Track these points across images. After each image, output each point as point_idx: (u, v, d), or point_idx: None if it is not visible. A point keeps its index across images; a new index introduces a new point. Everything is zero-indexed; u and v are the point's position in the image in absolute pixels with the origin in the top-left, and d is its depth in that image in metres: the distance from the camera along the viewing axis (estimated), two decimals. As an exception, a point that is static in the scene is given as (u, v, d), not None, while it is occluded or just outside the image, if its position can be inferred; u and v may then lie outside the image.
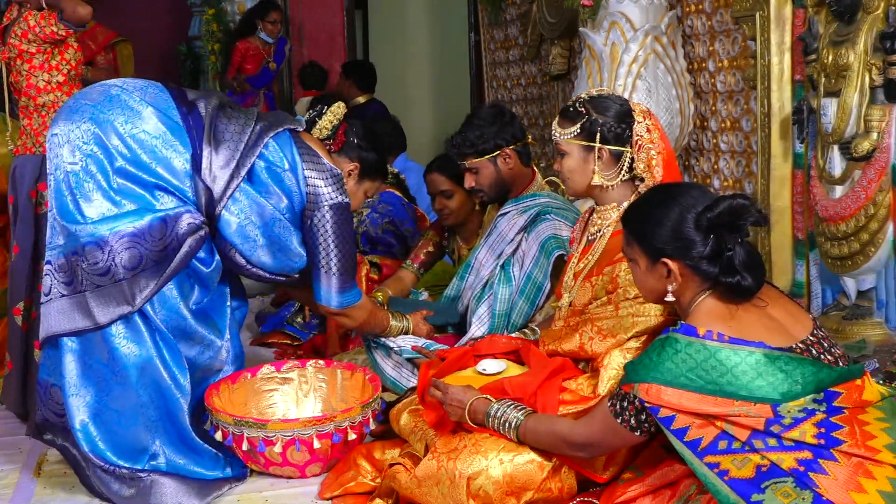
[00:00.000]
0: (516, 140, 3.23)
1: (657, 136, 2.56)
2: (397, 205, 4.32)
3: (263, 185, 2.79)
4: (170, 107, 2.76)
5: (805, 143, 3.31)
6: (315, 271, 2.91)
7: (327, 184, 2.84)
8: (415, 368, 3.15)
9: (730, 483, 1.88)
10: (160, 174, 2.68)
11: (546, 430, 2.30)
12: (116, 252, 2.60)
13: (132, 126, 2.68)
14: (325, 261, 2.88)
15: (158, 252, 2.64)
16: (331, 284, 2.91)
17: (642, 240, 2.15)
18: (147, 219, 2.63)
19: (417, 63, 8.90)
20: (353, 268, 2.96)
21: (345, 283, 2.92)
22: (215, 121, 2.77)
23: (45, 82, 3.61)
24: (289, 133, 2.86)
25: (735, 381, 1.94)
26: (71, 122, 2.68)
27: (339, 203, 2.86)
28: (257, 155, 2.77)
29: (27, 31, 3.55)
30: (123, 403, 2.67)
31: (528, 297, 3.09)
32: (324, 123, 3.01)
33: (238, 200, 2.74)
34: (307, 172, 2.83)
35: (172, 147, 2.70)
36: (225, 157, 2.74)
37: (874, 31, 2.90)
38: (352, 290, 2.96)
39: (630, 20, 3.80)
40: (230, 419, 2.73)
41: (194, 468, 2.75)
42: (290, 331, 4.36)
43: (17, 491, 2.85)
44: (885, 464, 1.86)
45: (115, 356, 2.64)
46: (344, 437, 2.75)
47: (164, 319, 2.70)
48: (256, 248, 2.79)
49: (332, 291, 2.92)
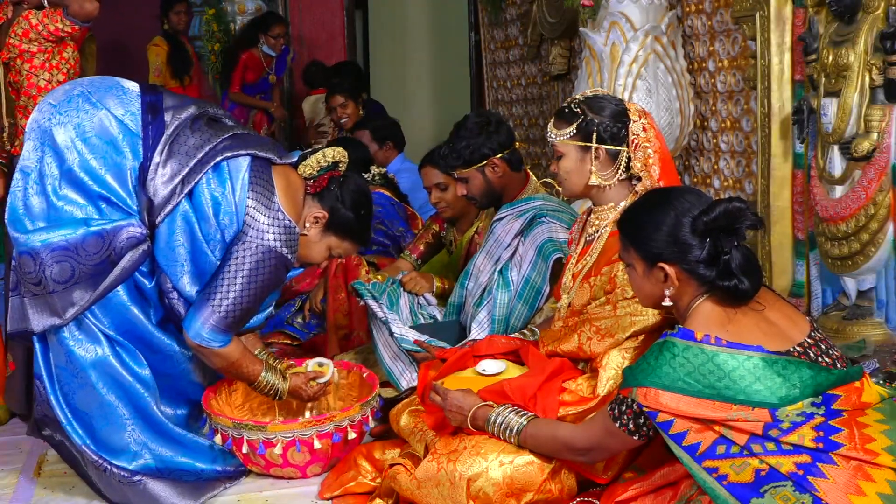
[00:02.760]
0: (504, 148, 3.23)
1: (653, 135, 2.56)
2: (386, 205, 4.33)
3: (201, 208, 2.63)
4: (131, 112, 2.66)
5: (805, 143, 3.31)
6: (201, 298, 2.63)
7: (269, 224, 2.63)
8: (412, 362, 3.15)
9: (729, 488, 1.88)
10: (107, 182, 2.59)
11: (547, 435, 2.30)
12: (47, 265, 2.53)
13: (85, 130, 2.61)
14: (219, 295, 2.60)
15: (93, 266, 2.56)
16: (208, 319, 2.61)
17: (639, 244, 2.15)
18: (80, 231, 2.54)
19: (417, 63, 8.89)
20: (239, 321, 2.68)
21: (222, 327, 2.63)
22: (179, 132, 2.65)
23: (46, 81, 3.62)
24: (250, 159, 2.67)
25: (733, 385, 1.94)
26: (35, 121, 2.65)
27: (271, 248, 2.62)
28: (203, 173, 2.61)
29: (28, 30, 3.56)
30: (90, 404, 2.66)
31: (526, 301, 3.09)
32: (311, 161, 2.80)
33: (174, 218, 2.61)
34: (250, 202, 2.62)
35: (122, 154, 2.61)
36: (172, 170, 2.60)
37: (874, 31, 2.90)
38: (224, 336, 2.65)
39: (630, 20, 3.80)
40: (229, 422, 2.73)
41: (183, 459, 2.74)
42: (289, 331, 4.36)
43: (17, 491, 2.85)
44: (885, 466, 1.85)
45: (72, 358, 2.63)
46: (344, 437, 2.75)
47: (111, 326, 2.65)
48: (182, 273, 2.64)
49: (205, 325, 2.61)
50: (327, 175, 2.80)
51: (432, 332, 3.25)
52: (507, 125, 3.34)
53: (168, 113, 2.67)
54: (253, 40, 7.17)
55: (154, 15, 7.28)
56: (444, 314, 3.44)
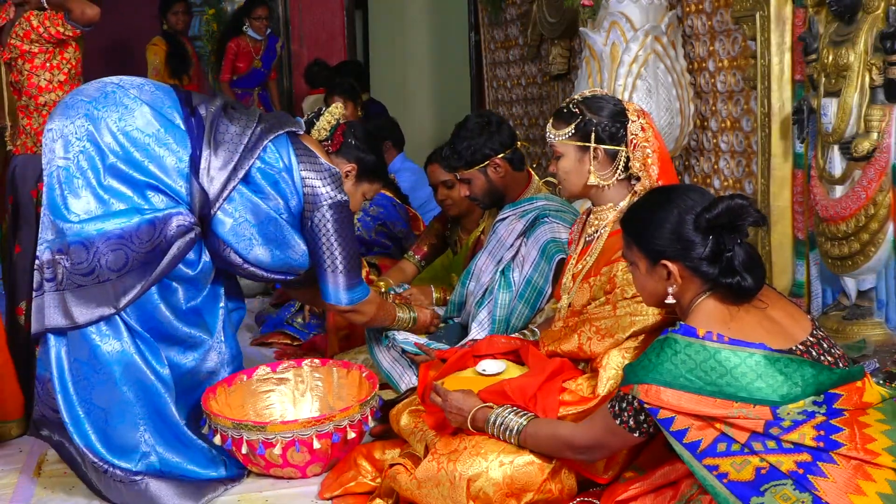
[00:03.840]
0: (505, 148, 3.23)
1: (652, 135, 2.56)
2: (388, 206, 4.32)
3: (259, 186, 2.78)
4: (168, 106, 2.76)
5: (805, 143, 3.31)
6: (321, 271, 2.89)
7: (325, 183, 2.83)
8: (411, 364, 3.16)
9: (729, 486, 1.88)
10: (153, 172, 2.67)
11: (547, 434, 2.30)
12: (102, 253, 2.58)
13: (125, 123, 2.67)
14: (329, 260, 2.87)
15: (146, 254, 2.62)
16: (338, 283, 2.90)
17: (642, 242, 2.15)
18: (135, 220, 2.61)
19: (417, 63, 8.89)
20: (358, 264, 2.95)
21: (352, 280, 2.92)
22: (216, 122, 2.77)
23: (47, 81, 3.63)
24: (286, 135, 2.85)
25: (735, 382, 1.94)
26: (66, 118, 2.68)
27: (338, 202, 2.84)
28: (256, 157, 2.76)
29: (30, 31, 3.56)
30: (109, 401, 2.66)
31: (527, 301, 3.09)
32: (321, 124, 3.01)
33: (233, 200, 2.74)
34: (304, 173, 2.81)
35: (166, 145, 2.69)
36: (223, 158, 2.73)
37: (874, 31, 2.90)
38: (360, 286, 2.96)
39: (630, 20, 3.79)
40: (229, 423, 2.73)
41: (189, 466, 2.75)
42: (289, 331, 4.37)
43: (17, 491, 2.85)
44: (885, 466, 1.85)
45: (96, 354, 2.64)
46: (343, 436, 2.75)
47: (138, 320, 2.68)
48: (253, 245, 2.78)
49: (341, 289, 2.91)
50: (339, 131, 3.02)
51: (437, 339, 3.25)
52: (508, 125, 3.33)
53: (202, 106, 2.80)
54: (239, 27, 7.25)
55: (153, 15, 7.28)
56: (445, 311, 3.44)
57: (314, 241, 2.86)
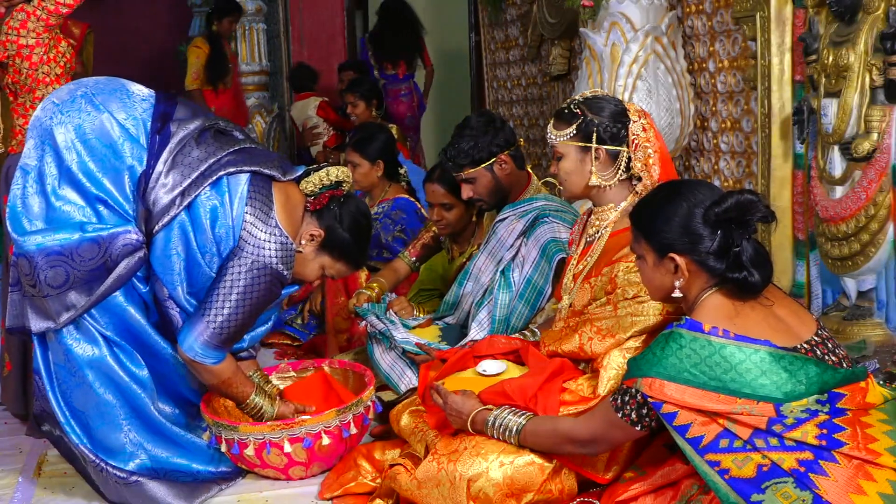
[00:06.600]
0: (510, 145, 3.23)
1: (653, 135, 2.57)
2: (411, 213, 4.20)
3: (199, 220, 2.63)
4: (134, 117, 2.66)
5: (805, 144, 3.31)
6: (196, 312, 2.63)
7: (266, 239, 2.63)
8: (410, 365, 3.15)
9: (730, 482, 1.88)
10: (105, 186, 2.59)
11: (548, 429, 2.30)
12: (42, 269, 2.53)
13: (85, 131, 2.61)
14: (213, 310, 2.60)
15: (88, 272, 2.55)
16: (202, 334, 2.61)
17: (650, 235, 2.15)
18: (76, 236, 2.54)
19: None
20: (234, 339, 2.69)
21: (216, 342, 2.63)
22: (185, 144, 2.66)
23: (45, 74, 3.64)
24: (250, 175, 2.67)
25: (739, 378, 1.94)
26: (37, 119, 2.66)
27: (266, 264, 2.62)
28: (205, 188, 2.62)
29: (26, 21, 3.57)
30: (86, 403, 2.65)
31: (527, 302, 3.08)
32: (313, 178, 2.78)
33: (171, 228, 2.61)
34: (248, 217, 2.63)
35: (121, 159, 2.61)
36: (173, 181, 2.61)
37: (874, 31, 2.90)
38: (217, 352, 2.66)
39: (630, 21, 3.79)
40: (210, 419, 2.74)
41: (179, 460, 2.74)
42: (289, 332, 4.37)
43: (17, 491, 2.85)
44: (886, 467, 1.85)
45: (70, 356, 2.63)
46: (317, 441, 2.72)
47: (108, 327, 2.65)
48: (178, 283, 2.64)
49: (199, 340, 2.62)
50: (329, 193, 2.79)
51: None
52: (507, 123, 3.34)
53: (174, 124, 2.67)
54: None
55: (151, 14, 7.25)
56: (438, 310, 3.43)
57: (215, 281, 2.62)
